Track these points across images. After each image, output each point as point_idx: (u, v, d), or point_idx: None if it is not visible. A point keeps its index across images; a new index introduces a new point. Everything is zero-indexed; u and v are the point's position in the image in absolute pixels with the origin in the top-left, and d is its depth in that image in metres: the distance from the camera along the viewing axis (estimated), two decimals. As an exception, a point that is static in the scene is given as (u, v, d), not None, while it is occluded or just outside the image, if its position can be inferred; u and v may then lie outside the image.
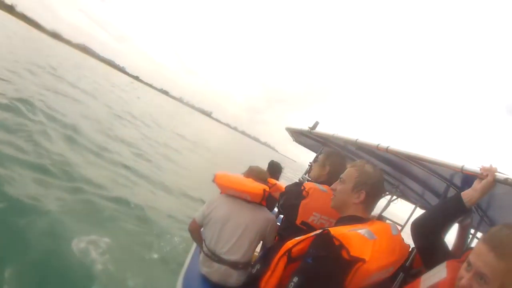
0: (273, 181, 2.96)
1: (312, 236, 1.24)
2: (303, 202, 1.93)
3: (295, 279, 1.17)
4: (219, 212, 2.21)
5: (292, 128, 3.28)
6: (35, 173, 4.46)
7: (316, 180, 2.18)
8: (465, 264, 1.05)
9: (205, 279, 2.25)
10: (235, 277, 2.17)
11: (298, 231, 1.77)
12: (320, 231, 1.22)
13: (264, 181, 2.42)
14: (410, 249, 1.57)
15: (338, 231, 1.17)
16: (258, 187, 2.19)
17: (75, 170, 5.28)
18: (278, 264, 1.30)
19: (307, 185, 1.99)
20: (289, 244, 1.30)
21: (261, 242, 2.35)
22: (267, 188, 2.20)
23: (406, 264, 1.67)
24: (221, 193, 2.33)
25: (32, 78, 11.54)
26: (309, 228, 1.88)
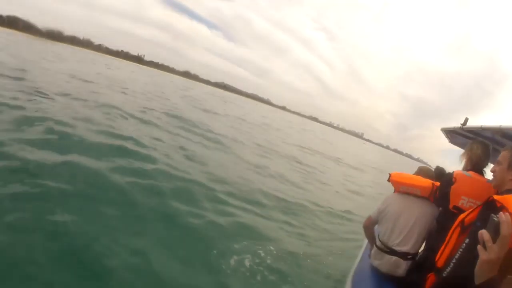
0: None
1: (480, 205, 1.49)
2: (453, 187, 2.11)
3: (466, 241, 1.42)
4: (393, 208, 2.44)
5: (446, 128, 3.32)
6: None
7: (465, 169, 2.29)
8: None
9: (375, 270, 2.46)
10: (403, 267, 2.31)
11: (452, 216, 1.95)
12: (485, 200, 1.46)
13: (432, 178, 2.54)
14: None
15: (499, 196, 1.41)
16: (427, 181, 2.40)
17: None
18: (453, 235, 1.54)
19: (455, 172, 2.18)
20: (461, 216, 1.55)
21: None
22: (435, 183, 2.35)
23: None
24: (394, 191, 2.57)
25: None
26: (460, 211, 1.99)
